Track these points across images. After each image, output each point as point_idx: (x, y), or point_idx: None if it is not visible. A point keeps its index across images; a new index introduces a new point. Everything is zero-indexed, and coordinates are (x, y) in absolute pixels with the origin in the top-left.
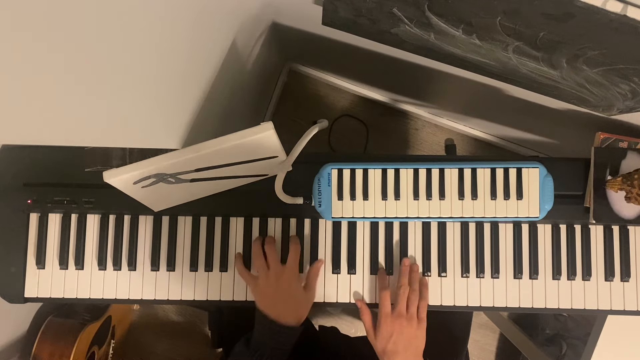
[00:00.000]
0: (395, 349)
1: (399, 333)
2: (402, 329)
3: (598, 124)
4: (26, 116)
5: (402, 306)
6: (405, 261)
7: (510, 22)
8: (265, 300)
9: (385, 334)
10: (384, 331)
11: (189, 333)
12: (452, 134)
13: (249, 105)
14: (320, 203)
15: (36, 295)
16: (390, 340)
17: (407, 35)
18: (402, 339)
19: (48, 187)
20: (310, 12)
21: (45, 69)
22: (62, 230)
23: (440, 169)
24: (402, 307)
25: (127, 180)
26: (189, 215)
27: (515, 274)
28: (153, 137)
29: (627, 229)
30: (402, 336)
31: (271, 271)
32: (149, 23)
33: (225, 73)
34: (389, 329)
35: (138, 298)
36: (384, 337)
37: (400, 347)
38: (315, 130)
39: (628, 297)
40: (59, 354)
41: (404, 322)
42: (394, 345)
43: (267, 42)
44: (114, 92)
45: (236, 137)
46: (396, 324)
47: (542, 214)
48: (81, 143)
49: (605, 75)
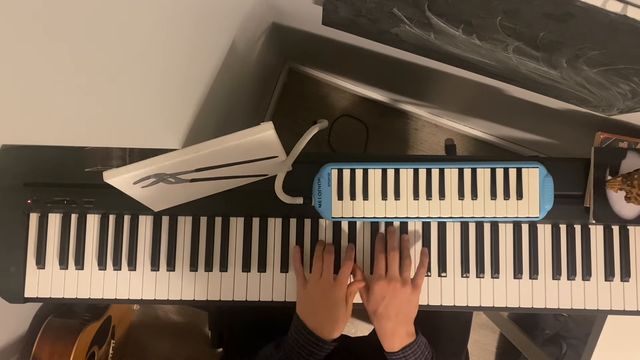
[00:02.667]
0: (386, 313)
1: (392, 297)
2: (395, 293)
3: (598, 124)
4: (26, 116)
5: (393, 269)
6: (390, 228)
7: (510, 22)
8: (308, 307)
9: (378, 295)
10: (376, 292)
11: (189, 333)
12: (452, 134)
13: (249, 105)
14: (320, 203)
15: (36, 295)
16: (382, 303)
17: (407, 35)
18: (394, 303)
19: (48, 187)
20: (310, 12)
21: (45, 69)
22: (62, 230)
23: (440, 169)
24: (393, 270)
25: (127, 180)
26: (189, 215)
27: (515, 274)
28: (153, 137)
29: (627, 229)
30: (394, 300)
31: (323, 280)
32: (149, 23)
33: (225, 73)
34: (381, 291)
35: (138, 298)
36: (376, 298)
37: (391, 311)
38: (315, 130)
39: (628, 297)
40: (59, 354)
41: (397, 286)
42: (385, 308)
43: (267, 42)
44: (114, 92)
45: (236, 137)
46: (389, 287)
47: (542, 214)
48: (81, 143)
49: (605, 75)
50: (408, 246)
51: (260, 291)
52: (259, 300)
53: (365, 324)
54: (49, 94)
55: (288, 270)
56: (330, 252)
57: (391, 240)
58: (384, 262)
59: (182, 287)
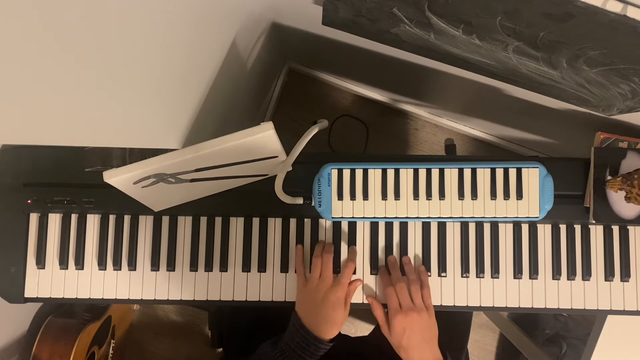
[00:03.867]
0: (410, 344)
1: (411, 328)
2: (414, 323)
3: (598, 124)
4: (26, 116)
5: (406, 300)
6: (390, 258)
7: (510, 22)
8: (306, 306)
9: (399, 329)
10: (396, 327)
11: (189, 333)
12: (452, 134)
13: (249, 105)
14: (320, 203)
15: (36, 295)
16: (404, 336)
17: (407, 35)
18: (415, 333)
19: (48, 187)
20: (310, 12)
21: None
22: (62, 230)
23: (440, 169)
24: (406, 301)
25: (127, 180)
26: (189, 215)
27: (515, 274)
28: (153, 137)
29: (627, 229)
30: (415, 330)
31: (323, 280)
32: (149, 23)
33: (225, 73)
34: (401, 325)
35: (138, 298)
36: (398, 333)
37: (414, 341)
38: (315, 130)
39: (628, 297)
40: (59, 354)
41: (414, 316)
42: (408, 340)
43: (267, 42)
44: (114, 92)
45: (236, 137)
46: (407, 319)
47: (542, 214)
48: (81, 143)
49: (605, 75)
50: (411, 269)
51: (260, 291)
52: (259, 300)
53: (365, 324)
54: (49, 94)
55: (288, 270)
56: (329, 251)
57: (394, 272)
58: (394, 295)
59: (182, 287)
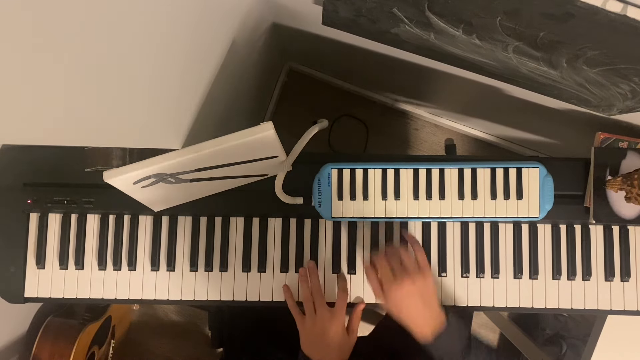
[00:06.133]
0: (409, 313)
1: (408, 297)
2: (409, 289)
3: (598, 124)
4: (26, 116)
5: (397, 265)
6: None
7: (510, 22)
8: (309, 343)
9: (396, 300)
10: (392, 299)
11: (189, 333)
12: (452, 134)
13: (249, 105)
14: (320, 203)
15: (36, 295)
16: (402, 304)
17: (407, 35)
18: (412, 298)
19: (48, 187)
20: (310, 12)
21: (45, 68)
22: (62, 230)
23: (440, 169)
24: (397, 266)
25: (127, 180)
26: (189, 215)
27: (515, 274)
28: (153, 137)
29: (627, 229)
30: (411, 295)
31: (319, 316)
32: (149, 23)
33: (225, 73)
34: (397, 296)
35: (138, 298)
36: (395, 304)
37: (412, 308)
38: (315, 130)
39: (628, 297)
40: (59, 354)
41: (408, 283)
42: (407, 309)
43: (267, 42)
44: (114, 92)
45: (236, 137)
46: (402, 290)
47: (542, 214)
48: (81, 143)
49: (605, 75)
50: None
51: (260, 291)
52: (259, 300)
53: (365, 324)
54: (49, 94)
55: (288, 270)
56: (314, 271)
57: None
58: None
59: (182, 287)
